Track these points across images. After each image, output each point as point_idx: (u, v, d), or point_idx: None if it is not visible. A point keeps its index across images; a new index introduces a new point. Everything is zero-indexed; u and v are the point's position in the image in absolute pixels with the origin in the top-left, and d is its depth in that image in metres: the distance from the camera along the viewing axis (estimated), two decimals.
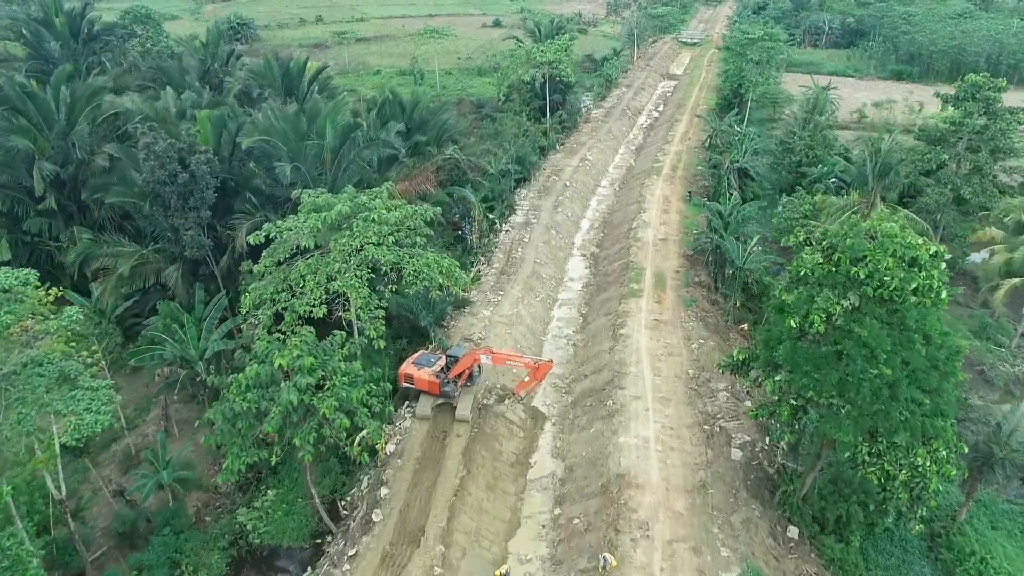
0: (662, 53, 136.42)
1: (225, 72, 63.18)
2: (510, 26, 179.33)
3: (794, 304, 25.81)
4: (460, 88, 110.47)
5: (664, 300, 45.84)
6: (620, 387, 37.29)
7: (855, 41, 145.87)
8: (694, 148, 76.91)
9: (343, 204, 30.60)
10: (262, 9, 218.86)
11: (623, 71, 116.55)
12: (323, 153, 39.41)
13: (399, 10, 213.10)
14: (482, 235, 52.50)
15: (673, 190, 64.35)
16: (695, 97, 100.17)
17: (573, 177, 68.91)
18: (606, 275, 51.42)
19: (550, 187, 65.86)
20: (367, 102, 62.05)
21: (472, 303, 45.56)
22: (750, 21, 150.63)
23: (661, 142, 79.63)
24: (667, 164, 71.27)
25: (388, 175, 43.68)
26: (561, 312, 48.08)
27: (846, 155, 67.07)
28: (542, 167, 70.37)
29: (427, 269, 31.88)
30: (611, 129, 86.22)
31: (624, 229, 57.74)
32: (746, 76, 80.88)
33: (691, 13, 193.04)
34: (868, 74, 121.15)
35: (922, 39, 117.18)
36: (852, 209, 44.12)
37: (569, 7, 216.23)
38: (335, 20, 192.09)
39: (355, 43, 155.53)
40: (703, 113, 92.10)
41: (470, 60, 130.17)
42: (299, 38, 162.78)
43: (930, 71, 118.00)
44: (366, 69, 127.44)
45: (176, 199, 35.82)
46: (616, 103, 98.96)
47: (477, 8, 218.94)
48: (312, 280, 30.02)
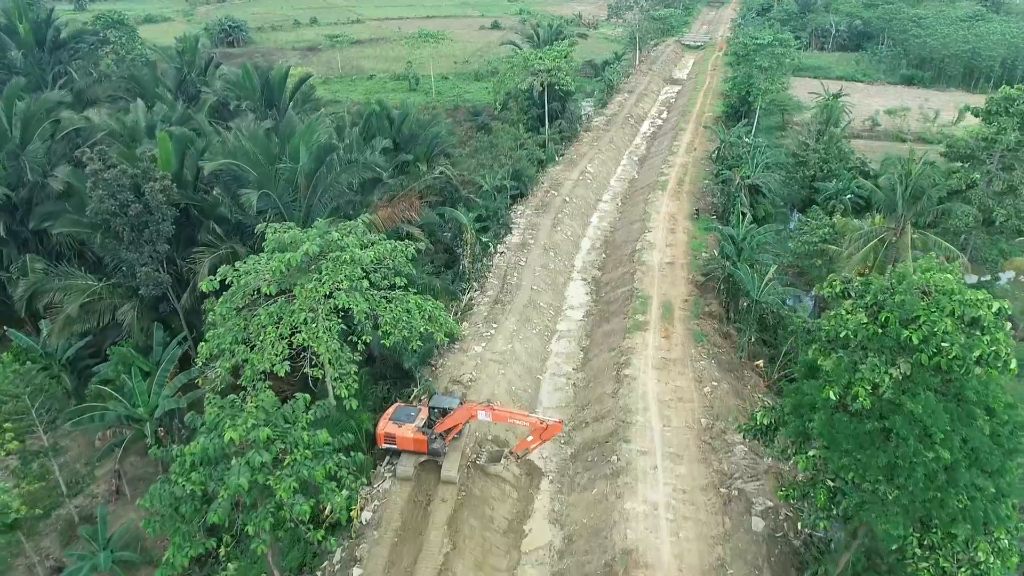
0: (665, 57, 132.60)
1: (203, 82, 59.39)
2: (509, 28, 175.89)
3: (833, 372, 21.93)
4: (456, 94, 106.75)
5: (672, 334, 41.99)
6: (625, 440, 33.44)
7: (862, 44, 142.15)
8: (701, 160, 73.06)
9: (310, 243, 26.73)
10: (256, 10, 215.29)
11: (625, 76, 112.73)
12: (296, 178, 35.58)
13: (396, 11, 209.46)
14: (475, 259, 48.68)
15: (679, 207, 60.49)
16: (700, 104, 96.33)
17: (573, 192, 65.06)
18: (608, 303, 47.58)
19: (548, 203, 62.01)
20: (352, 115, 58.17)
21: (463, 338, 41.72)
22: (755, 24, 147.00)
23: (666, 153, 75.77)
24: (672, 178, 67.42)
25: (370, 199, 39.86)
26: (560, 346, 44.23)
27: (863, 168, 63.28)
28: (540, 181, 66.54)
29: (407, 316, 28.05)
30: (613, 138, 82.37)
31: (627, 251, 53.89)
32: (755, 83, 77.03)
33: (694, 15, 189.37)
34: (878, 79, 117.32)
35: (934, 43, 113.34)
36: (879, 236, 40.28)
37: (569, 8, 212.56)
38: (330, 22, 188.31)
39: (349, 46, 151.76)
40: (709, 121, 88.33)
41: (467, 64, 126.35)
42: (292, 40, 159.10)
43: (942, 76, 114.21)
44: (359, 74, 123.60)
45: (128, 231, 32.01)
46: (618, 110, 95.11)
47: (475, 10, 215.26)
48: (274, 332, 26.17)
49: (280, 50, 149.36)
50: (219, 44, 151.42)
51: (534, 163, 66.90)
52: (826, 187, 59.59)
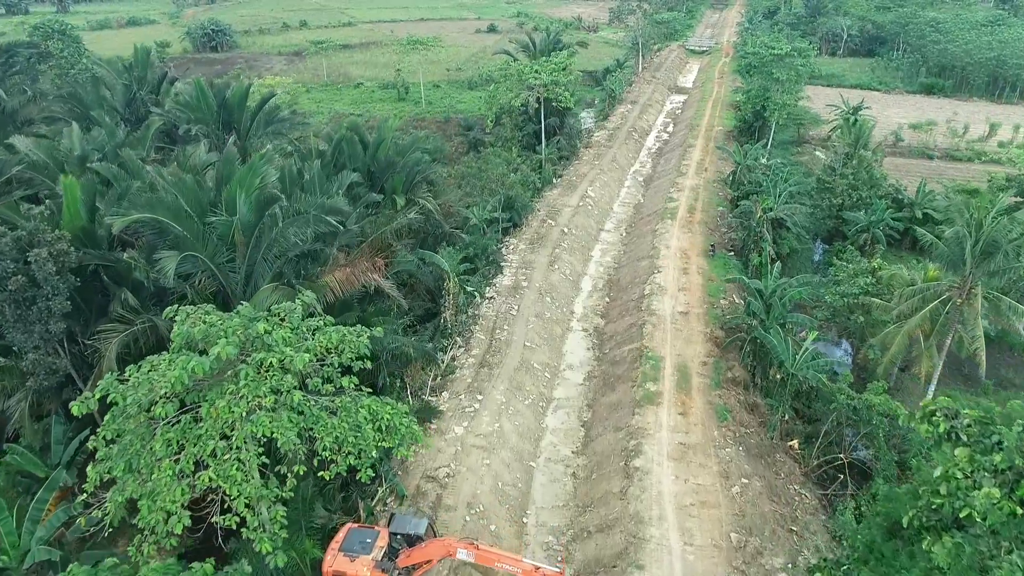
0: (669, 63, 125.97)
1: (154, 101, 52.71)
2: (505, 31, 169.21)
3: (951, 568, 15.27)
4: (447, 104, 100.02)
5: (690, 409, 35.32)
6: (638, 565, 26.76)
7: (875, 49, 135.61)
8: (713, 182, 66.42)
9: (225, 345, 19.98)
10: (245, 12, 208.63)
11: (627, 84, 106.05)
12: (232, 233, 28.89)
13: (390, 14, 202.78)
14: (459, 310, 41.99)
15: (692, 241, 53.80)
16: (708, 116, 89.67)
17: (572, 221, 58.35)
18: (614, 363, 40.89)
19: (545, 235, 55.30)
20: (322, 139, 51.47)
21: (440, 414, 35.05)
22: (763, 29, 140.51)
23: (674, 174, 69.10)
24: (682, 204, 60.74)
25: (328, 253, 33.07)
26: (556, 419, 37.51)
27: (896, 195, 56.62)
28: (536, 209, 59.84)
29: (355, 436, 21.35)
30: (615, 156, 75.71)
31: (634, 295, 47.20)
32: (771, 97, 70.37)
33: (697, 18, 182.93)
34: (895, 87, 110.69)
35: (956, 50, 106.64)
36: (939, 297, 33.60)
37: (568, 10, 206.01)
38: (320, 25, 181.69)
39: (339, 51, 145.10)
40: (719, 136, 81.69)
41: (459, 72, 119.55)
42: (280, 45, 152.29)
43: (964, 84, 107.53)
44: (347, 81, 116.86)
45: (11, 309, 25.33)
46: (620, 123, 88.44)
47: (471, 12, 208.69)
48: (170, 468, 19.46)
49: (265, 55, 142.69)
50: (202, 49, 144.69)
51: (529, 188, 60.23)
52: (856, 218, 52.98)
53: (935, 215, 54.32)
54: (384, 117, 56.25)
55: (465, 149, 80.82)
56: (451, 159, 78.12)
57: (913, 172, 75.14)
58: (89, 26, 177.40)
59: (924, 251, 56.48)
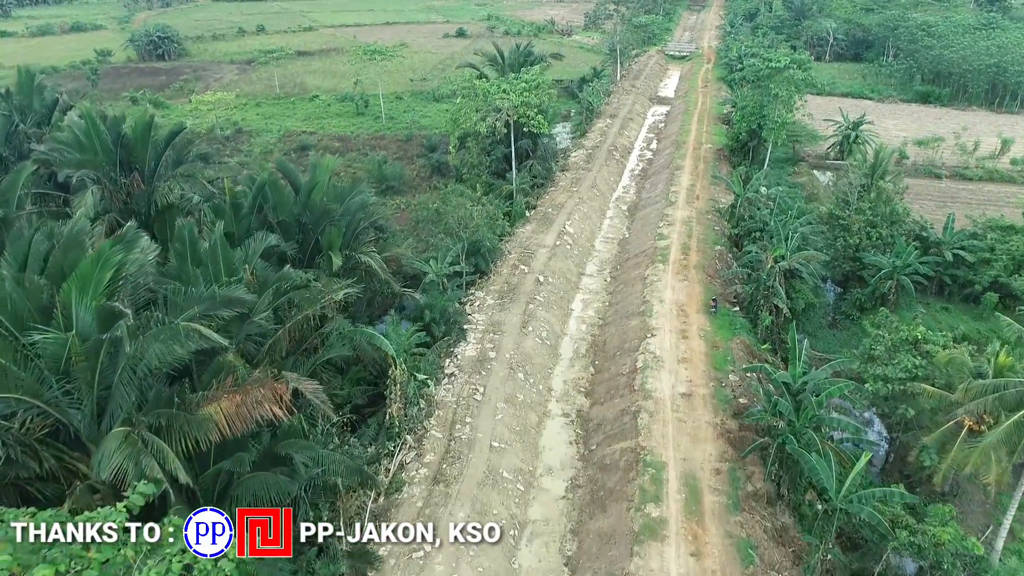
0: (648, 70, 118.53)
1: (38, 136, 43.59)
2: (474, 35, 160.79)
3: None
4: (410, 120, 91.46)
5: (705, 546, 27.31)
6: None
7: (862, 53, 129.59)
8: (706, 213, 58.69)
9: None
10: (200, 17, 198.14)
11: (605, 95, 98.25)
12: (66, 355, 20.28)
13: (354, 17, 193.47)
14: (408, 403, 33.59)
15: (689, 292, 45.90)
16: (695, 131, 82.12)
17: (549, 266, 50.21)
18: (603, 468, 32.74)
19: (517, 285, 47.08)
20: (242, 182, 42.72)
21: (380, 561, 26.67)
22: (744, 32, 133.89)
23: (662, 203, 61.27)
24: (674, 242, 52.89)
25: (220, 365, 24.47)
26: (531, 555, 29.17)
27: (920, 234, 49.26)
28: (506, 252, 51.61)
29: None
30: (596, 181, 67.71)
31: (624, 367, 39.14)
32: (768, 115, 62.83)
33: (675, 20, 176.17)
34: (888, 95, 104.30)
35: (952, 56, 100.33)
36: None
37: (541, 13, 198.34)
38: (279, 30, 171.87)
39: (295, 59, 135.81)
40: (708, 154, 74.22)
41: (425, 82, 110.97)
42: (233, 52, 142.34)
43: (962, 93, 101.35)
44: (302, 93, 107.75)
45: None
46: (600, 140, 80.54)
47: (440, 15, 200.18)
48: None
49: (216, 64, 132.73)
50: (147, 57, 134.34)
51: (497, 227, 51.94)
52: (879, 262, 45.51)
53: (967, 257, 47.06)
54: (319, 154, 47.33)
55: (428, 173, 72.59)
56: (412, 185, 69.79)
57: (923, 195, 68.22)
58: (29, 32, 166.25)
59: (952, 296, 49.54)
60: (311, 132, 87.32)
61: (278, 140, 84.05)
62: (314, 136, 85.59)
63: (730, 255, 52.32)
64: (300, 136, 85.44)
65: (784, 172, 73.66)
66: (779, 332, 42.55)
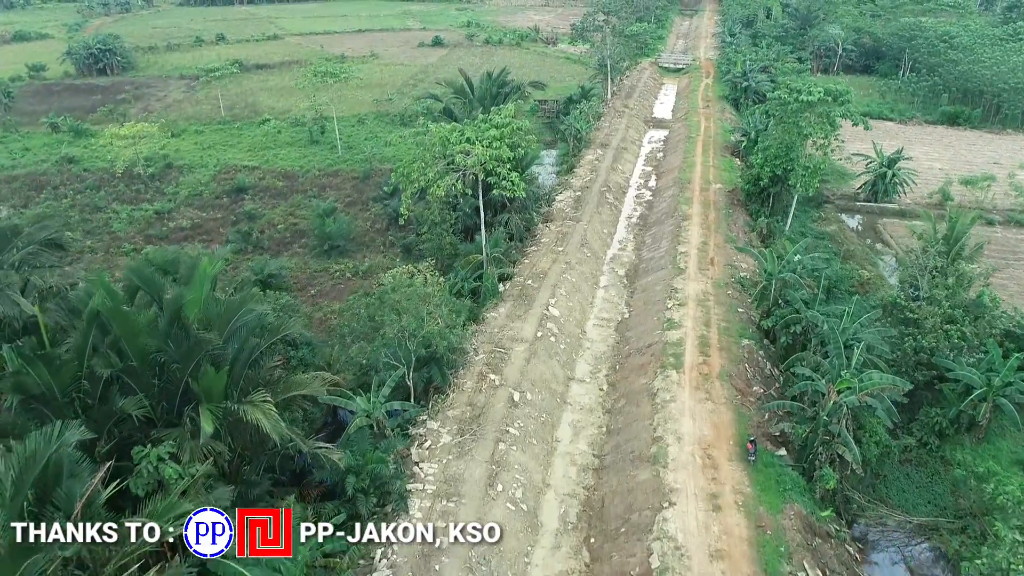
0: (642, 85, 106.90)
1: None
2: (452, 44, 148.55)
3: None
4: (370, 150, 79.15)
5: None
6: None
7: (873, 65, 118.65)
8: (725, 286, 46.96)
9: None
10: (159, 24, 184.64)
11: (595, 118, 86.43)
12: None
13: (325, 24, 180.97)
14: None
15: (716, 422, 33.98)
16: (700, 166, 70.45)
17: (527, 372, 38.16)
18: None
19: (484, 411, 34.96)
20: (77, 300, 30.26)
21: None
22: (744, 41, 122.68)
23: (668, 269, 49.46)
24: (688, 334, 41.02)
25: None
26: None
27: (1015, 330, 37.58)
28: (471, 352, 39.50)
29: None
30: (586, 235, 55.76)
31: (632, 563, 27.18)
32: (797, 158, 51.05)
33: (667, 27, 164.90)
34: (911, 116, 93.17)
35: (984, 72, 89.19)
36: None
37: (524, 19, 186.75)
38: (241, 39, 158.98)
39: (253, 73, 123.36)
40: (719, 197, 62.62)
41: (391, 102, 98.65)
42: (186, 65, 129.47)
43: (994, 114, 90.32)
44: (252, 116, 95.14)
45: None
46: (590, 177, 68.67)
47: (417, 20, 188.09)
48: None
49: (164, 79, 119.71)
50: (87, 72, 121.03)
51: (460, 320, 39.81)
52: (968, 378, 33.88)
53: None
54: (194, 256, 34.57)
55: (384, 224, 60.44)
56: (363, 242, 57.72)
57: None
58: None
59: None
60: (253, 167, 74.89)
61: (212, 178, 71.55)
62: (256, 173, 73.16)
63: (761, 352, 40.53)
64: (239, 173, 72.98)
65: (808, 217, 62.10)
66: (844, 488, 30.89)
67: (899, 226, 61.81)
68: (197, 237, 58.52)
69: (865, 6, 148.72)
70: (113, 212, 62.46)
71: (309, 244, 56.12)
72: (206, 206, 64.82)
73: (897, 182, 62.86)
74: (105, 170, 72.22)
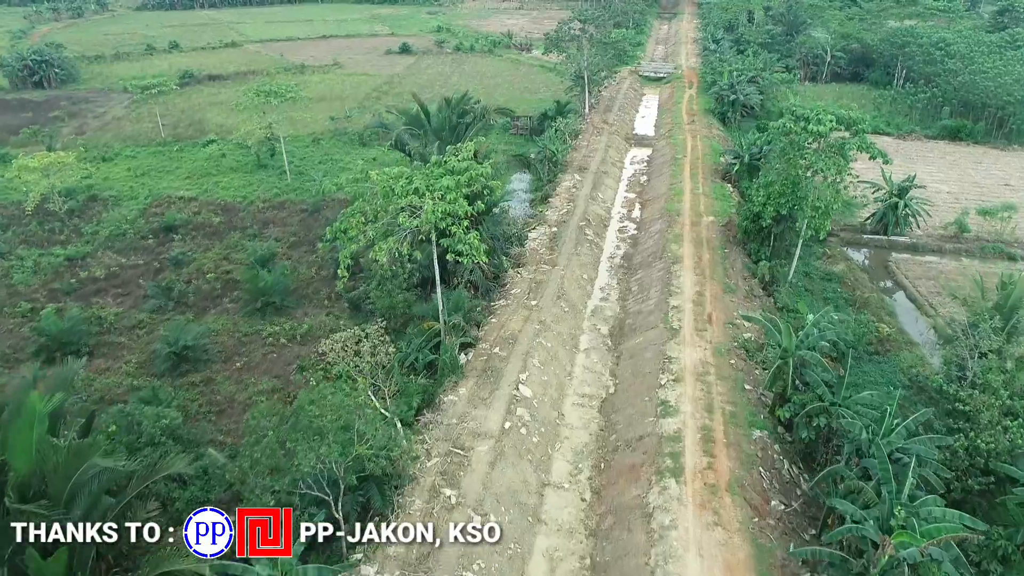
0: (622, 97, 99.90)
1: None
2: (421, 52, 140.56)
3: None
4: (321, 179, 70.96)
5: None
6: None
7: (862, 72, 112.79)
8: (727, 354, 39.75)
9: None
10: (112, 31, 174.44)
11: (572, 137, 79.17)
12: None
13: (288, 30, 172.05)
14: None
15: (730, 562, 26.61)
16: (689, 194, 63.39)
17: (490, 484, 30.59)
18: None
19: (435, 553, 27.37)
20: None
21: None
22: (727, 48, 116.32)
23: (658, 330, 42.18)
24: (687, 425, 33.73)
25: None
26: None
27: None
28: (422, 459, 31.85)
29: None
30: (563, 284, 48.37)
31: None
32: (805, 196, 43.98)
33: (646, 32, 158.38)
34: (910, 130, 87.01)
35: (988, 84, 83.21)
36: None
37: (497, 23, 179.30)
38: (197, 47, 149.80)
39: (205, 84, 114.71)
40: (713, 231, 55.67)
41: (349, 120, 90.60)
42: (133, 76, 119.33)
43: (998, 128, 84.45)
44: (197, 135, 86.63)
45: None
46: (567, 208, 61.36)
47: (386, 26, 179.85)
48: None
49: (106, 93, 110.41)
50: (20, 86, 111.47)
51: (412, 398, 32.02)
52: None
53: None
54: (20, 388, 26.24)
55: (331, 271, 52.20)
56: (305, 295, 49.96)
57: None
58: None
59: None
60: (190, 199, 66.55)
61: (141, 213, 63.09)
62: (192, 206, 64.85)
63: (777, 448, 33.36)
64: (173, 205, 64.72)
65: (811, 254, 55.28)
66: None
67: (914, 264, 55.26)
68: (112, 290, 50.26)
69: (849, 9, 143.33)
70: (17, 259, 53.90)
71: (242, 298, 48.13)
72: (128, 249, 56.47)
73: (910, 213, 56.26)
74: (18, 204, 63.51)
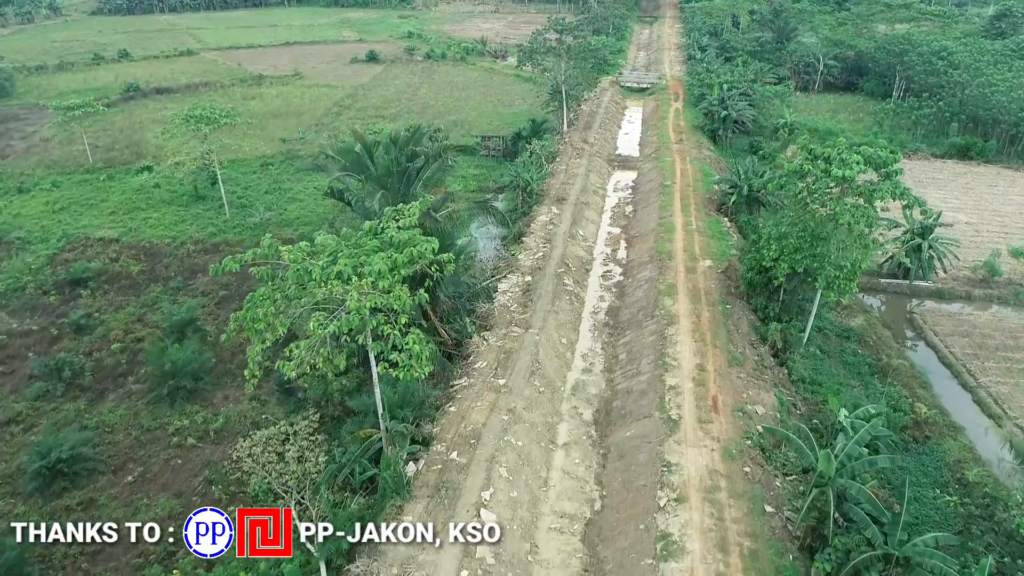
0: (604, 111, 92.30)
1: None
2: (388, 60, 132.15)
3: None
4: (266, 211, 62.60)
5: None
6: None
7: (856, 82, 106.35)
8: (739, 455, 32.09)
9: None
10: (61, 38, 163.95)
11: (549, 160, 71.44)
12: None
13: (250, 36, 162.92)
14: None
15: None
16: (682, 232, 55.84)
17: None
18: None
19: None
20: None
21: None
22: (713, 56, 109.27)
23: (654, 422, 34.48)
24: (696, 565, 26.11)
25: None
26: None
27: None
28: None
29: None
30: (538, 354, 40.47)
31: None
32: (828, 254, 36.46)
33: (627, 37, 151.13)
34: (916, 149, 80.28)
35: (999, 98, 76.67)
36: None
37: (472, 27, 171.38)
38: (149, 55, 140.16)
39: (152, 98, 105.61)
40: (711, 281, 48.17)
41: (303, 141, 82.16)
42: (75, 88, 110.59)
43: (1010, 145, 77.98)
44: (133, 159, 77.76)
45: None
46: (543, 252, 53.54)
47: (355, 31, 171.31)
48: None
49: (40, 109, 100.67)
50: None
51: (334, 560, 24.02)
52: None
53: None
54: None
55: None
56: (230, 369, 41.71)
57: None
58: None
59: None
60: (111, 240, 57.90)
61: (49, 260, 54.33)
62: (111, 249, 56.19)
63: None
64: (89, 250, 56.05)
65: (826, 305, 47.99)
66: None
67: (941, 316, 48.19)
68: None
69: (839, 14, 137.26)
70: None
71: (150, 378, 39.76)
72: (25, 309, 47.83)
73: (935, 256, 49.16)
74: None
